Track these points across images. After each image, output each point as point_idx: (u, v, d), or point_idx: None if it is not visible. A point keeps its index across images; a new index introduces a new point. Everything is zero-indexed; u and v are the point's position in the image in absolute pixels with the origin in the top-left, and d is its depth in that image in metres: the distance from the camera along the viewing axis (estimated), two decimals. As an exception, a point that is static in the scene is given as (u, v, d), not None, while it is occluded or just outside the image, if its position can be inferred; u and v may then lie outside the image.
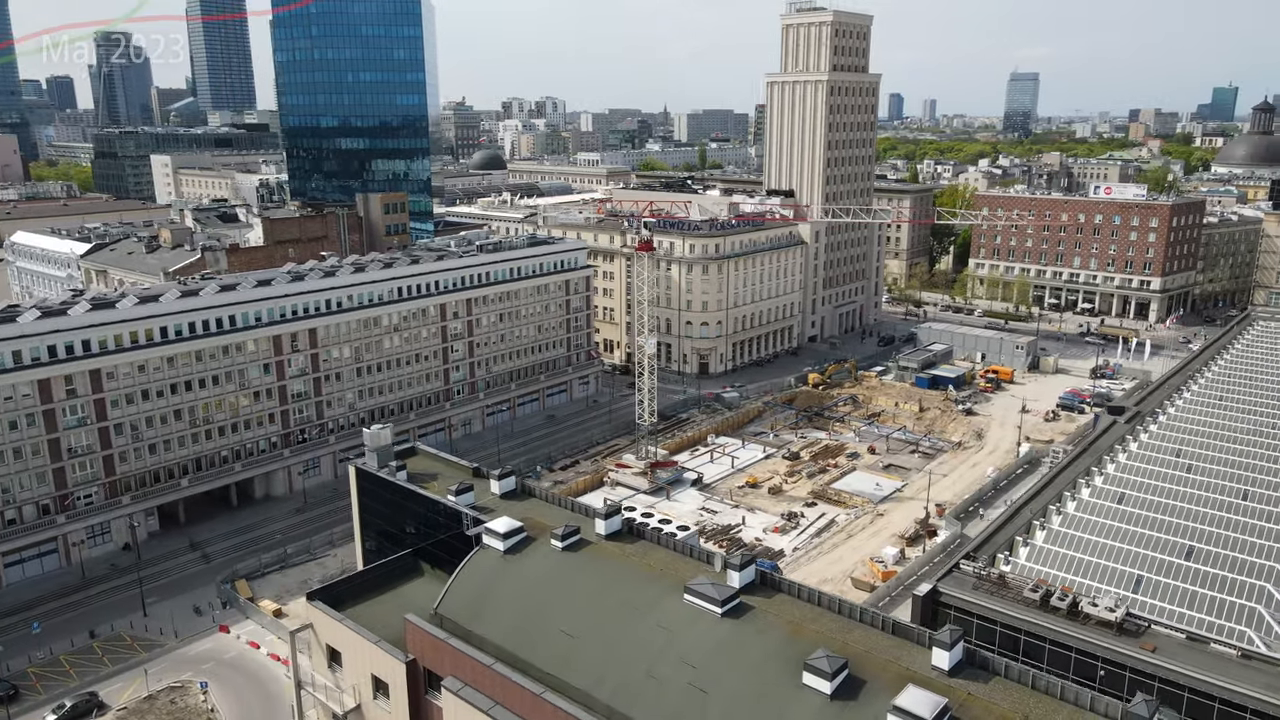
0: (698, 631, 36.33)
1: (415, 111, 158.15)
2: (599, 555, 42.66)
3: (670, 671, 34.79)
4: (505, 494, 49.61)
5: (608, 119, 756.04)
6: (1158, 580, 72.61)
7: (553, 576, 41.94)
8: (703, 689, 33.38)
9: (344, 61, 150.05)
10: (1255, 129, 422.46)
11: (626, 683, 34.94)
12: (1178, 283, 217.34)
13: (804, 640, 34.60)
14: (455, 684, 38.15)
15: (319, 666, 46.08)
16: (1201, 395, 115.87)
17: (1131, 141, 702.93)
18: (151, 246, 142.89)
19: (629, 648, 36.65)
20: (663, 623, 37.24)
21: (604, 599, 39.56)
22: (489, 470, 53.97)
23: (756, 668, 34.08)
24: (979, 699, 31.17)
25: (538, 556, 43.01)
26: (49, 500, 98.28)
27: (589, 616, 38.62)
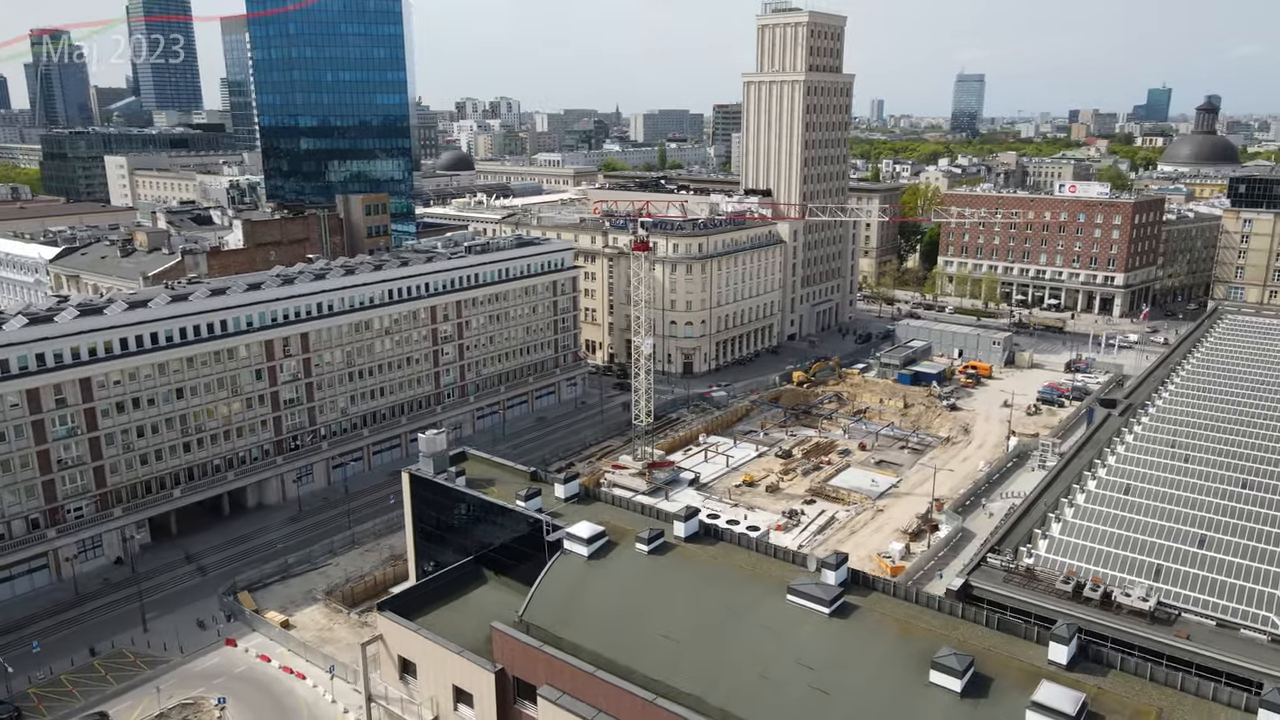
0: (807, 632, 36.13)
1: (396, 111, 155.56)
2: (685, 558, 42.20)
3: (785, 674, 34.51)
4: (570, 498, 48.87)
5: (563, 119, 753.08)
6: (1177, 569, 74.23)
7: (643, 580, 41.36)
8: (824, 690, 33.17)
9: (323, 60, 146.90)
10: (1199, 129, 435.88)
11: (740, 686, 34.57)
12: (1139, 278, 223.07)
13: (918, 638, 34.62)
14: (553, 692, 37.42)
15: (389, 679, 44.91)
16: (1185, 388, 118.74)
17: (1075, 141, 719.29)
18: (126, 250, 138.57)
19: (737, 651, 36.30)
20: (768, 624, 36.97)
21: (702, 602, 39.11)
22: (547, 474, 53.18)
23: (877, 667, 33.99)
24: (1109, 693, 31.48)
25: (623, 561, 42.40)
26: (38, 514, 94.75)
27: (689, 620, 38.14)
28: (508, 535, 47.89)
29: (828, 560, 39.57)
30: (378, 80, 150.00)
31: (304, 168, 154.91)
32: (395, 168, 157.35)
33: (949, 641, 34.59)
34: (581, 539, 42.52)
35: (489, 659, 40.79)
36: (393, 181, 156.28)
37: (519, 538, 47.22)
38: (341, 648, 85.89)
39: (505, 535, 48.04)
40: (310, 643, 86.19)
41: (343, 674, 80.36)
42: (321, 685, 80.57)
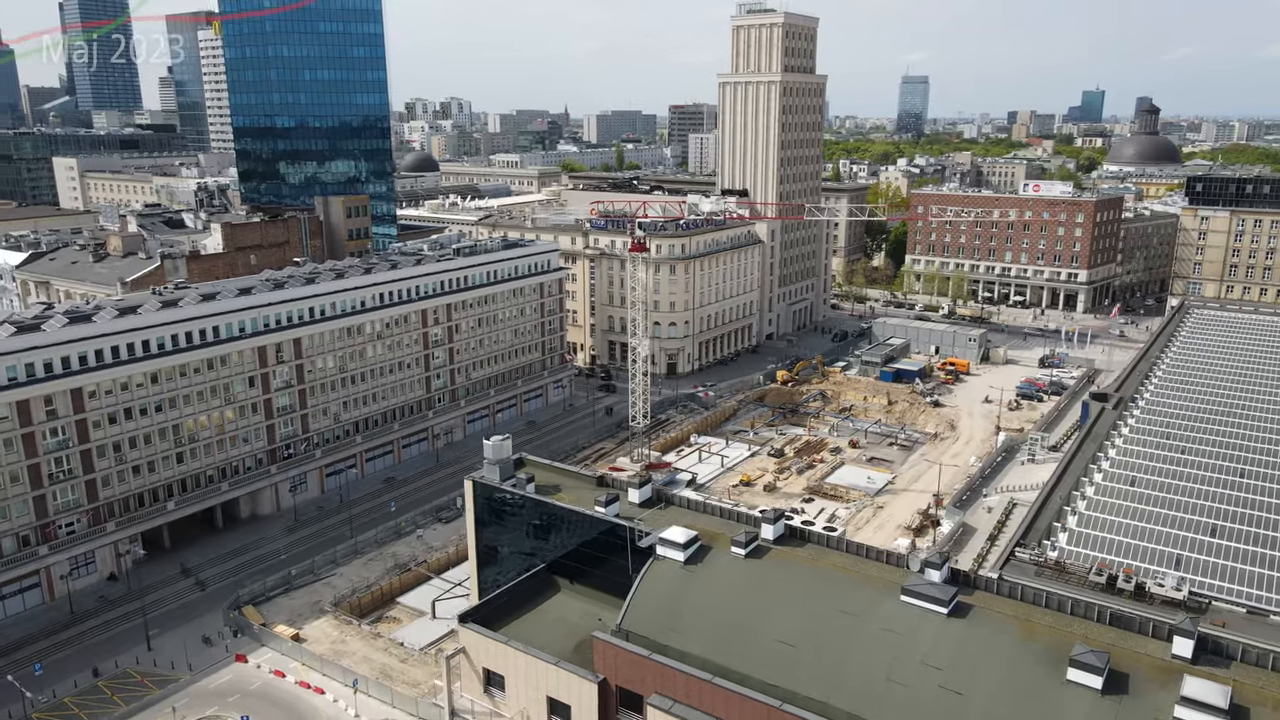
0: (928, 632, 36.06)
1: (376, 111, 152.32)
2: (782, 560, 41.86)
3: (912, 675, 34.39)
4: (644, 502, 48.19)
5: (515, 120, 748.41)
6: (1195, 558, 76.09)
7: (746, 584, 40.89)
8: (957, 691, 33.13)
9: (300, 59, 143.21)
10: (1141, 130, 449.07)
11: (867, 689, 34.36)
12: (1101, 275, 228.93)
13: (1041, 636, 34.77)
14: (664, 701, 36.77)
15: (471, 692, 43.82)
16: (1169, 381, 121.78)
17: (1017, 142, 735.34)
18: (99, 255, 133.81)
19: (858, 653, 36.08)
20: (887, 626, 36.82)
21: (813, 604, 38.80)
22: (612, 479, 52.42)
23: (1008, 666, 34.03)
24: (1248, 685, 31.96)
25: (721, 565, 41.90)
26: (29, 531, 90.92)
27: (803, 623, 37.79)
28: (583, 542, 47.04)
29: (932, 560, 39.61)
30: (357, 80, 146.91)
31: (280, 169, 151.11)
32: (376, 169, 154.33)
33: (1069, 638, 34.83)
34: (677, 544, 41.88)
35: (586, 669, 40.00)
36: (373, 183, 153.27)
37: (598, 544, 46.41)
38: (357, 660, 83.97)
39: (580, 542, 47.17)
40: (325, 656, 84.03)
41: (365, 687, 78.58)
42: (343, 700, 78.59)
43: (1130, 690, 32.44)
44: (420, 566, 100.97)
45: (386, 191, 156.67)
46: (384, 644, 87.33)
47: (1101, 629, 36.64)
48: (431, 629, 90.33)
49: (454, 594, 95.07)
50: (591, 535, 46.80)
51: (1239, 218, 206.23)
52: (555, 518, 47.56)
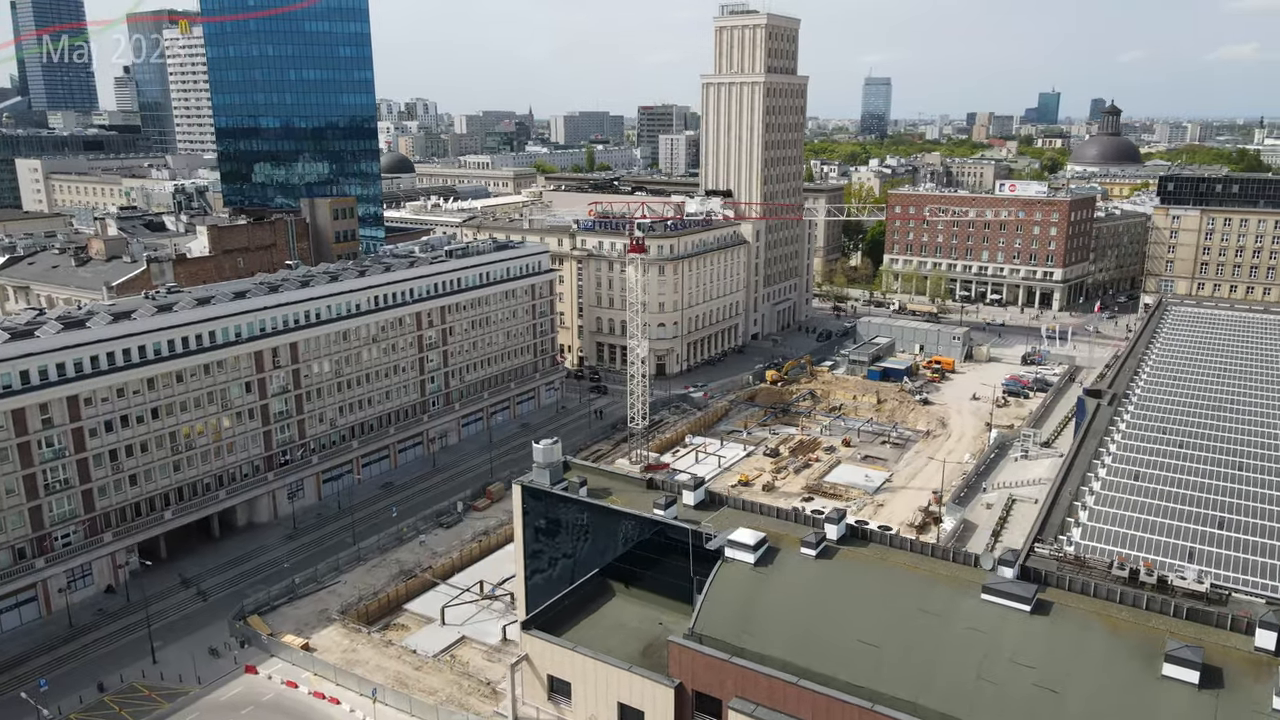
0: (1014, 630, 36.18)
1: (363, 112, 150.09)
2: (852, 561, 41.76)
3: (1005, 673, 34.46)
4: (699, 504, 47.86)
5: (482, 121, 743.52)
6: (1207, 550, 77.34)
7: (820, 585, 40.69)
8: (1051, 689, 33.26)
9: (285, 59, 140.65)
10: (1103, 131, 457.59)
11: (957, 689, 34.35)
12: (1076, 273, 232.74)
13: (1127, 632, 35.00)
14: (746, 705, 36.48)
15: (534, 699, 43.19)
16: (1158, 377, 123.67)
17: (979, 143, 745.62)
18: (81, 259, 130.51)
19: (944, 652, 36.07)
20: (971, 624, 36.85)
21: (893, 604, 38.74)
22: (661, 481, 52.01)
23: (1100, 663, 34.20)
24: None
25: (791, 566, 41.67)
26: (25, 543, 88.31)
27: (884, 623, 37.73)
28: (640, 545, 46.56)
29: (1005, 558, 39.79)
30: (344, 79, 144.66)
31: (265, 171, 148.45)
32: (362, 170, 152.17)
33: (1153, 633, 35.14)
34: (747, 546, 41.58)
35: (659, 673, 39.58)
36: (360, 185, 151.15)
37: (655, 547, 45.98)
38: (370, 669, 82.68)
39: (637, 545, 46.67)
40: (337, 665, 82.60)
41: (383, 696, 77.39)
42: (360, 710, 77.30)
43: (1225, 684, 32.86)
44: (426, 572, 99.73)
45: (373, 193, 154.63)
46: (396, 652, 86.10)
47: (1178, 623, 37.06)
48: (442, 635, 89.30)
49: (462, 600, 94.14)
50: (649, 538, 46.35)
51: (1209, 216, 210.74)
52: (610, 521, 47.01)
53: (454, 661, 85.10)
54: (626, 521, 46.46)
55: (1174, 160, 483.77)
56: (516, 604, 53.31)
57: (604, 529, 47.77)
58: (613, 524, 47.47)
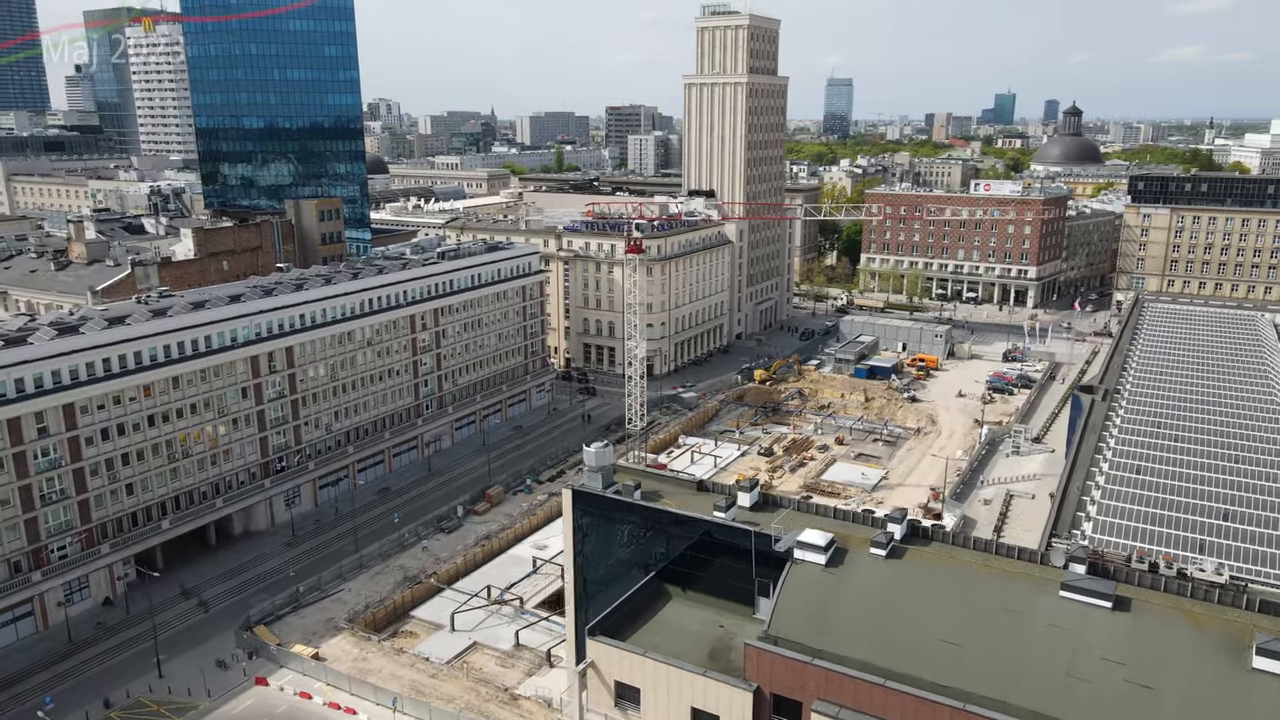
0: (1098, 627, 36.42)
1: (349, 112, 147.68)
2: (923, 560, 41.78)
3: (1094, 670, 34.65)
4: (754, 506, 47.64)
5: (447, 121, 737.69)
6: (1215, 541, 78.80)
7: (894, 585, 40.63)
8: (1144, 684, 33.51)
9: (269, 58, 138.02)
10: (1065, 131, 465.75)
11: (1047, 687, 34.46)
12: (1049, 271, 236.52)
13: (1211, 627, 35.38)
14: (829, 708, 36.32)
15: (600, 706, 42.68)
16: (1145, 373, 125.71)
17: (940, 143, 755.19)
18: (61, 263, 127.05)
19: (1030, 651, 36.19)
20: (1053, 622, 37.03)
21: (972, 603, 38.79)
22: (712, 484, 51.70)
23: (1190, 658, 34.55)
24: None
25: (862, 566, 41.57)
26: (21, 556, 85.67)
27: (965, 623, 37.75)
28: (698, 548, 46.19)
29: (1076, 555, 40.12)
30: (329, 79, 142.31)
31: (248, 172, 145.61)
32: (348, 171, 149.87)
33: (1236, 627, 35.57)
34: (818, 547, 41.40)
35: (733, 677, 39.30)
36: (346, 186, 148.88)
37: (714, 549, 45.66)
38: (384, 677, 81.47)
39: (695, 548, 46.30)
40: (350, 674, 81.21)
41: (401, 705, 76.29)
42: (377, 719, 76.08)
43: (1317, 676, 33.41)
44: (431, 578, 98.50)
45: (360, 194, 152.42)
46: (409, 659, 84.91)
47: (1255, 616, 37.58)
48: (453, 642, 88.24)
49: (471, 606, 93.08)
50: (704, 540, 46.05)
51: (1179, 215, 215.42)
52: (664, 524, 46.59)
53: (468, 668, 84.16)
54: (683, 524, 46.10)
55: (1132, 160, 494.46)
56: (566, 610, 52.66)
57: (657, 532, 47.36)
58: (667, 527, 47.09)
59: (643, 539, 48.46)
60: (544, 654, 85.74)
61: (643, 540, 47.90)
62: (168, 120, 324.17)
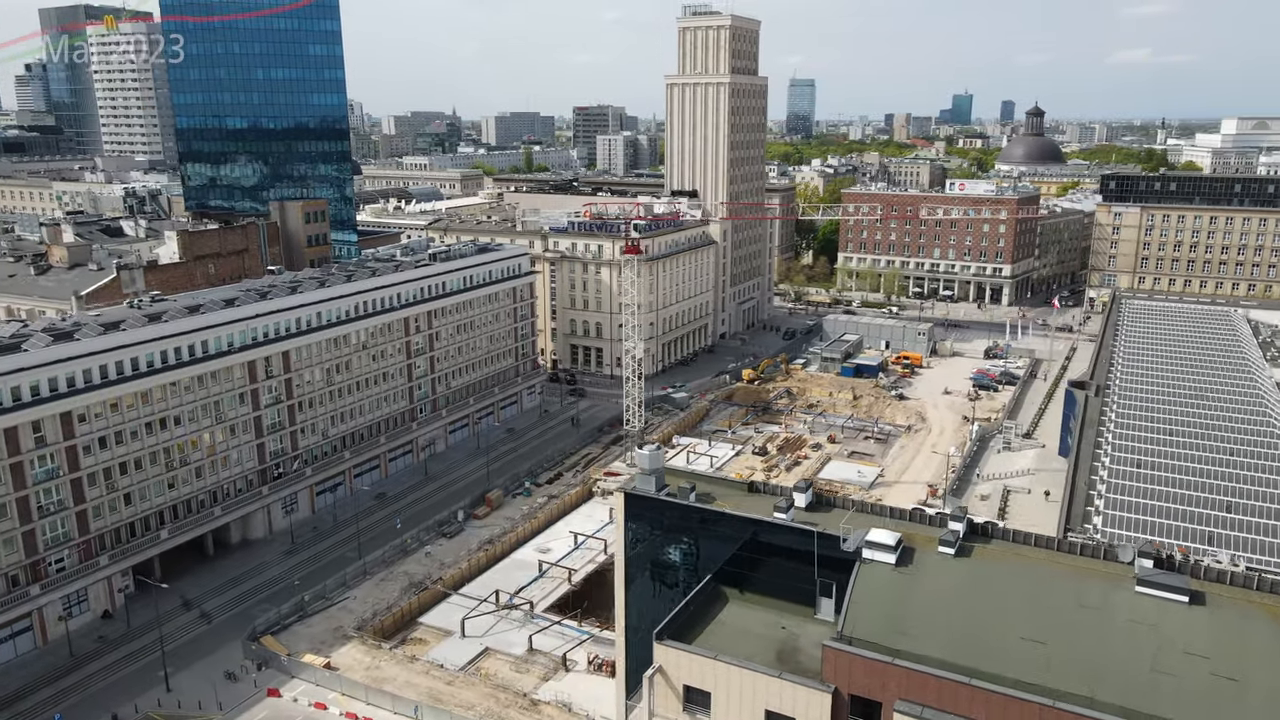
0: (1176, 621, 36.81)
1: (335, 112, 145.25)
2: (991, 558, 41.97)
3: (1179, 664, 35.02)
4: (809, 506, 47.57)
5: (411, 122, 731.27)
6: (1220, 533, 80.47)
7: (967, 584, 40.72)
8: (1229, 677, 33.95)
9: (252, 57, 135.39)
10: (1029, 131, 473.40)
11: (1132, 682, 34.72)
12: (1022, 269, 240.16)
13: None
14: (912, 707, 36.32)
15: (668, 710, 42.31)
16: (1131, 368, 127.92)
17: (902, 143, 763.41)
18: (41, 267, 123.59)
19: (1113, 646, 36.44)
20: (1132, 617, 37.36)
21: (1048, 600, 38.99)
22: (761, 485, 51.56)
23: (1272, 649, 35.02)
24: None
25: (932, 565, 41.64)
26: (19, 570, 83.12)
27: (1043, 619, 37.95)
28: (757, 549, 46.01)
29: (1145, 550, 40.59)
30: (314, 79, 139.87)
31: (230, 173, 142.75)
32: (334, 173, 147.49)
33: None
34: (887, 546, 41.43)
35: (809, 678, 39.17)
36: (332, 187, 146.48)
37: (773, 550, 45.51)
38: (400, 685, 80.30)
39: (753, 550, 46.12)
40: (365, 683, 79.92)
41: (423, 714, 75.24)
42: (398, 728, 75.01)
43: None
44: (437, 584, 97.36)
45: (346, 196, 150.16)
46: (423, 667, 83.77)
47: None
48: (465, 648, 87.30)
49: (480, 611, 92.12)
50: (760, 541, 45.92)
51: (1149, 213, 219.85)
52: (719, 526, 46.34)
53: (483, 674, 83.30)
54: (740, 526, 45.90)
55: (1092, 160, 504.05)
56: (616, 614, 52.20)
57: (712, 534, 47.11)
58: (722, 529, 46.86)
59: (696, 541, 48.16)
60: (559, 658, 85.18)
61: (696, 543, 47.60)
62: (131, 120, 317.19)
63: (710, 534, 47.68)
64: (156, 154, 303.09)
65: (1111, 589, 39.44)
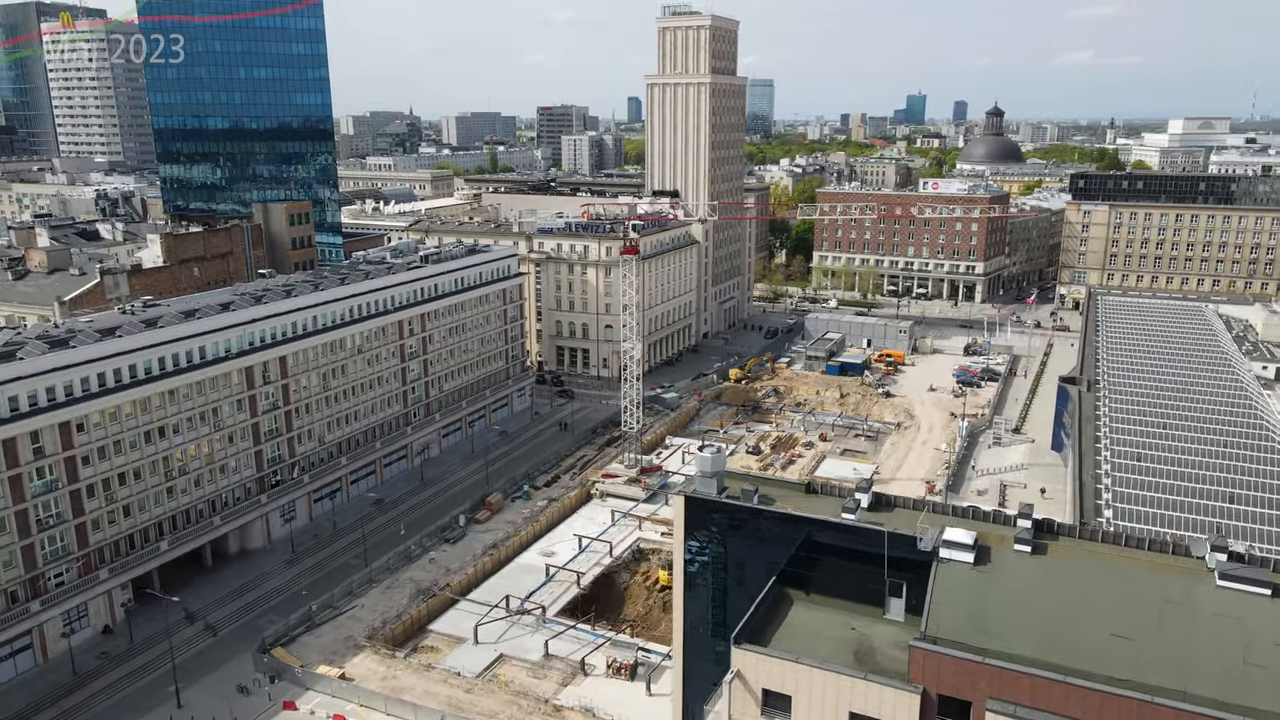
0: (1262, 614, 37.26)
1: (319, 112, 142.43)
2: (1067, 555, 42.23)
3: (1270, 657, 35.42)
4: (870, 506, 47.54)
5: (370, 122, 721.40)
6: (1226, 524, 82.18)
7: (1047, 581, 40.89)
8: (1321, 667, 34.56)
9: (234, 55, 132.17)
10: (989, 131, 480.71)
11: (1226, 675, 35.10)
12: (994, 266, 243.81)
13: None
14: (1005, 706, 36.36)
15: (745, 716, 41.99)
16: (1116, 363, 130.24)
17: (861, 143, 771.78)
18: (19, 272, 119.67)
19: (1202, 640, 36.82)
20: (1217, 610, 37.83)
21: (1132, 596, 39.26)
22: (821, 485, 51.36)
23: (1360, 640, 35.74)
24: None
25: (1009, 563, 41.77)
26: (18, 586, 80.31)
27: (1129, 615, 38.21)
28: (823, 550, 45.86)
29: (1218, 544, 41.17)
30: (297, 78, 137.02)
31: (210, 175, 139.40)
32: (319, 174, 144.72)
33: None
34: (965, 545, 41.51)
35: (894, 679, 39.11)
36: (316, 189, 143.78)
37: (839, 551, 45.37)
38: (419, 695, 79.12)
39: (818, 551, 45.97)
40: (383, 693, 78.51)
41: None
42: (424, 739, 73.78)
43: None
44: (445, 590, 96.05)
45: (331, 197, 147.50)
46: (440, 675, 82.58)
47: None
48: (480, 655, 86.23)
49: (493, 617, 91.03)
50: (829, 543, 45.78)
51: (1117, 211, 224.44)
52: (782, 528, 46.09)
53: (501, 681, 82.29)
54: (803, 527, 45.73)
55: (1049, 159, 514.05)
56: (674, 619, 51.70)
57: (773, 536, 46.88)
58: (784, 531, 46.64)
59: (757, 544, 47.92)
60: (577, 663, 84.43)
61: (765, 545, 47.35)
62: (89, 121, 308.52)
63: (772, 536, 47.44)
64: (116, 155, 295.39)
65: (1192, 584, 39.97)
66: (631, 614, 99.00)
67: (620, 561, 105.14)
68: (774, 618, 45.39)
